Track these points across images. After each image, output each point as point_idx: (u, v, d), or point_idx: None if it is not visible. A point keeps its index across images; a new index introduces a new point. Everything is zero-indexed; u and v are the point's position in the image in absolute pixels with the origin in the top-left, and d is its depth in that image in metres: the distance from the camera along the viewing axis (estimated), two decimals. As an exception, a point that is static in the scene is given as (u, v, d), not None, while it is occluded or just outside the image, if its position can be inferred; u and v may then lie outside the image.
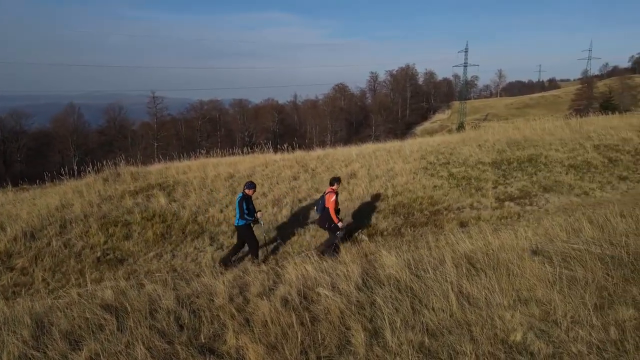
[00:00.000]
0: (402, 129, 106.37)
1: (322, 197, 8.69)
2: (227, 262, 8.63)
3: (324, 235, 9.11)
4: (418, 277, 5.54)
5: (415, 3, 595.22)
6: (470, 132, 17.47)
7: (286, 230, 10.02)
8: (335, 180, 8.84)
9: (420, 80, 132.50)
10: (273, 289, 5.58)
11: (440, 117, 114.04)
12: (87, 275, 8.61)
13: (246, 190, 8.76)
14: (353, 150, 14.68)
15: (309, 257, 6.62)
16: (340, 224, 8.54)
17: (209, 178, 13.20)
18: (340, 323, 4.55)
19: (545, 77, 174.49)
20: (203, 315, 4.92)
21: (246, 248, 8.94)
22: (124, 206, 11.60)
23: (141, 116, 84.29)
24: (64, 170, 16.11)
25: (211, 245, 9.86)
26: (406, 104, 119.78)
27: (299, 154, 15.44)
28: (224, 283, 5.82)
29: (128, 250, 9.80)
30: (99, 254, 9.66)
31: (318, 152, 15.83)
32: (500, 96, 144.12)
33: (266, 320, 4.65)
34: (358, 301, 4.94)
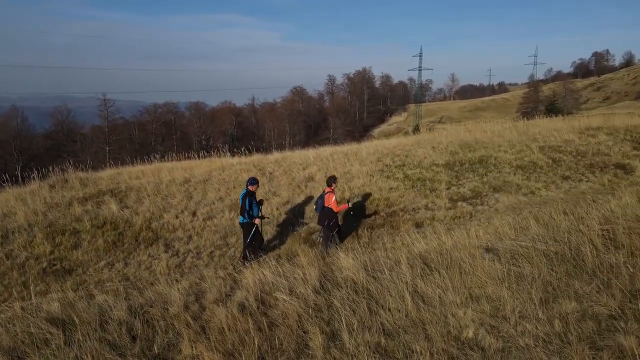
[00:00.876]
0: (360, 132, 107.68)
1: (322, 197, 8.91)
2: (246, 257, 8.49)
3: (283, 236, 9.08)
4: (374, 279, 5.61)
5: (372, 8, 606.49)
6: (425, 134, 17.96)
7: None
8: (332, 180, 9.16)
9: (377, 83, 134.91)
10: (230, 295, 5.50)
11: (397, 119, 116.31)
12: (31, 288, 8.16)
13: (249, 187, 8.68)
14: (310, 153, 14.71)
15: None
16: (349, 205, 8.96)
17: (163, 183, 12.85)
18: (298, 327, 4.54)
19: (495, 81, 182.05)
20: (157, 325, 4.77)
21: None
22: (72, 214, 11.08)
23: (91, 119, 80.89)
24: (6, 177, 15.19)
25: (166, 252, 9.60)
26: (364, 106, 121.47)
27: (256, 157, 15.32)
28: (179, 291, 5.68)
29: (77, 260, 9.37)
30: (44, 264, 9.18)
31: (276, 155, 15.75)
32: (453, 99, 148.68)
33: (223, 328, 4.57)
34: (316, 304, 4.94)
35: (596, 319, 4.37)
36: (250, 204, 8.48)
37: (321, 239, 9.03)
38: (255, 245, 8.71)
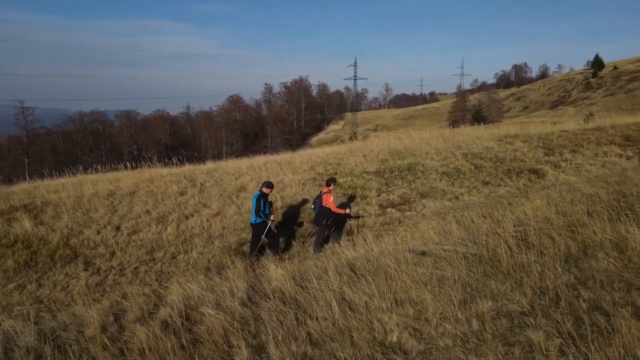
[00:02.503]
0: (298, 140, 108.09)
1: (320, 197, 9.25)
2: (252, 256, 8.69)
3: (213, 248, 8.83)
4: (303, 288, 5.60)
5: (308, 18, 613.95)
6: (358, 142, 18.37)
7: (171, 249, 9.52)
8: (332, 180, 9.66)
9: (314, 92, 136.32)
10: (154, 313, 5.25)
11: (334, 127, 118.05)
12: None
13: (264, 189, 8.96)
14: (244, 163, 14.52)
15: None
16: (347, 210, 9.35)
17: (85, 197, 12.08)
18: (224, 342, 4.42)
19: (426, 91, 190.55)
20: (70, 350, 4.45)
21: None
22: (-24, 233, 10.12)
23: (7, 129, 74.52)
24: None
25: (86, 270, 8.99)
26: (301, 115, 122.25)
27: (188, 167, 14.87)
28: (97, 311, 5.34)
29: (-19, 284, 8.54)
30: (-56, 290, 8.28)
31: (209, 165, 15.39)
32: (388, 108, 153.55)
33: (143, 348, 4.35)
34: (242, 317, 4.85)
35: (509, 316, 4.61)
36: (264, 204, 8.81)
37: (315, 237, 9.30)
38: (272, 244, 9.03)
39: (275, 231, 9.24)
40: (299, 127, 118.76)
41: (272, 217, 8.87)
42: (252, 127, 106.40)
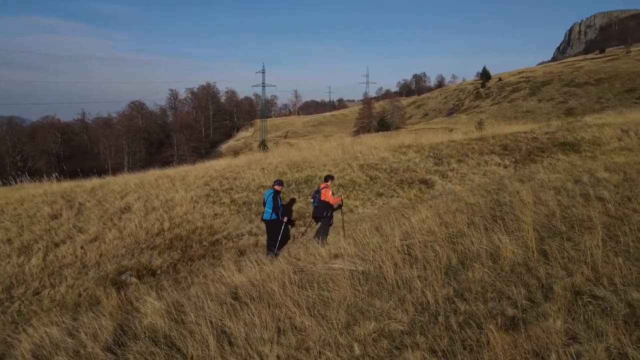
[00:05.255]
0: (206, 148, 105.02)
1: (318, 192, 9.72)
2: (271, 253, 8.74)
3: (83, 284, 7.87)
4: (179, 322, 5.16)
5: (213, 22, 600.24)
6: (257, 154, 17.98)
7: (34, 284, 8.30)
8: (329, 177, 10.16)
9: (222, 98, 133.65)
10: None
11: (244, 134, 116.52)
12: None
13: (275, 187, 9.27)
14: (132, 179, 13.39)
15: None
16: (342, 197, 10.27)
17: None
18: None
19: (335, 98, 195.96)
20: None
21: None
22: None
23: None
24: None
25: None
26: (209, 122, 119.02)
27: (68, 185, 13.40)
28: None
29: None
30: None
31: (95, 181, 14.02)
32: (298, 114, 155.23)
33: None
34: (104, 366, 4.29)
35: (390, 337, 4.57)
36: (279, 202, 9.08)
37: (318, 231, 9.69)
38: (281, 241, 9.17)
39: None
40: (207, 134, 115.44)
41: (285, 219, 9.25)
42: (157, 135, 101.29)
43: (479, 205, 8.74)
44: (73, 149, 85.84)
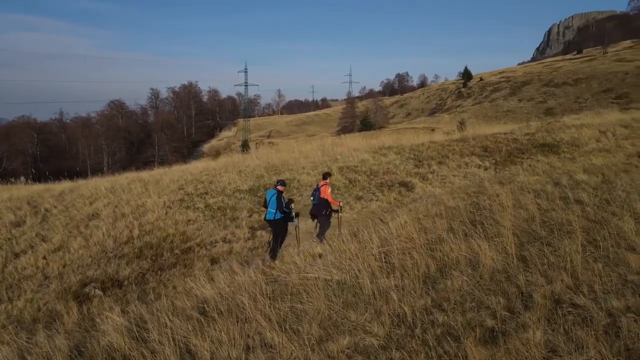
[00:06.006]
0: (189, 147, 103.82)
1: (318, 190, 9.75)
2: (274, 254, 8.72)
3: (43, 298, 7.40)
4: (141, 341, 4.86)
5: (196, 21, 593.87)
6: (236, 156, 17.53)
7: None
8: (327, 174, 10.22)
9: (205, 98, 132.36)
10: None
11: (226, 134, 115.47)
12: None
13: (279, 187, 9.15)
14: (104, 182, 12.88)
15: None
16: (340, 203, 10.09)
17: None
18: None
19: (318, 97, 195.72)
20: None
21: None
22: None
23: None
24: None
25: None
26: (191, 121, 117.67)
27: (37, 188, 12.83)
28: None
29: None
30: None
31: (65, 184, 13.47)
32: (281, 114, 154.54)
33: None
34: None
35: (365, 353, 4.37)
36: (283, 202, 9.02)
37: (317, 228, 9.76)
38: (280, 242, 9.10)
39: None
40: (189, 134, 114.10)
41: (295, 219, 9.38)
42: (138, 135, 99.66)
43: (458, 209, 8.62)
44: (50, 149, 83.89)
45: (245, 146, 62.74)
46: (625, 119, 15.89)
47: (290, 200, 9.89)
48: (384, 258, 6.60)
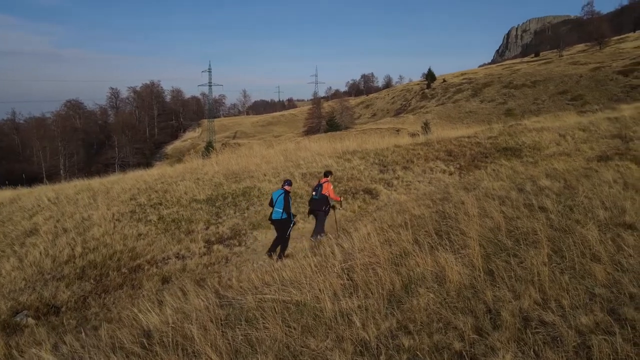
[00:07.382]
0: (151, 149, 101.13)
1: (320, 186, 9.86)
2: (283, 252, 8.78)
3: None
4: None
5: (156, 19, 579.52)
6: (195, 162, 16.77)
7: None
8: (329, 173, 10.40)
9: (168, 98, 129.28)
10: None
11: (191, 135, 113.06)
12: None
13: (286, 187, 9.25)
14: (48, 192, 11.88)
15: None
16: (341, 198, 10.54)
17: None
18: None
19: (284, 97, 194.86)
20: None
21: None
22: None
23: None
24: None
25: None
26: (154, 122, 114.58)
27: (-26, 200, 11.73)
28: None
29: None
30: None
31: (5, 193, 12.39)
32: (247, 114, 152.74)
33: None
34: None
35: (323, 387, 3.95)
36: (290, 202, 9.11)
37: (315, 227, 9.79)
38: (285, 241, 9.07)
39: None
40: (152, 135, 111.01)
41: (296, 218, 9.37)
42: (97, 136, 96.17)
43: (424, 217, 8.39)
44: (2, 151, 79.72)
45: (209, 147, 61.36)
46: (583, 122, 16.21)
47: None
48: (347, 275, 6.24)
